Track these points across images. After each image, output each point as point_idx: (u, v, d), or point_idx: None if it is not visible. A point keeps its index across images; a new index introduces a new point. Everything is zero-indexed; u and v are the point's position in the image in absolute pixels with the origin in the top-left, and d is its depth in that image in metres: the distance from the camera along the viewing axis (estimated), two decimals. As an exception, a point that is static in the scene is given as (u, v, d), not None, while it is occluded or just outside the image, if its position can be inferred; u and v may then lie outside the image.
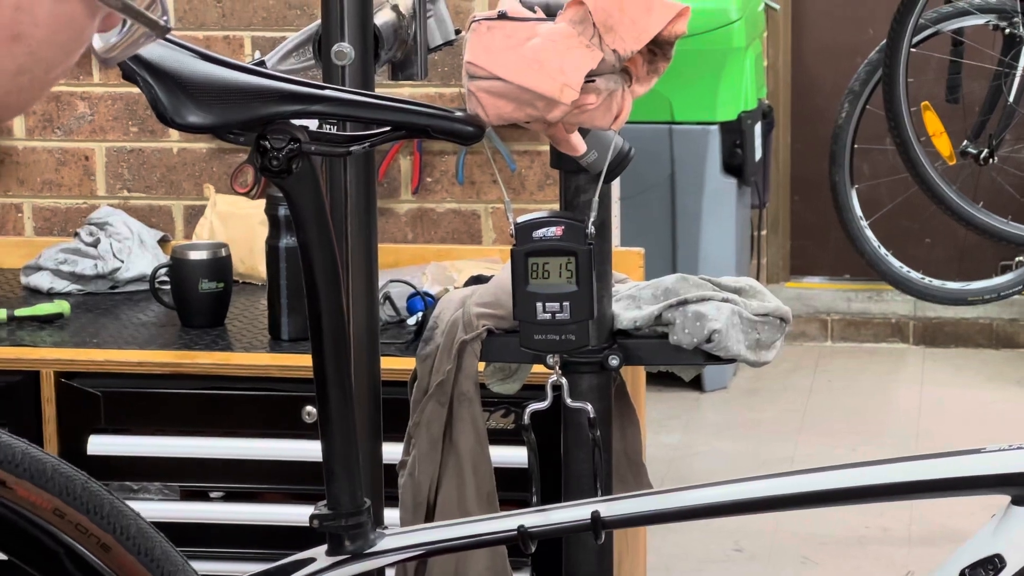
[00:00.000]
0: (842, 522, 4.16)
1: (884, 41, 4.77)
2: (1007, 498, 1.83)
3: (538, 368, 2.32)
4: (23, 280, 3.35)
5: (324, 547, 1.91)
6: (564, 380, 2.16)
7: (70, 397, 2.98)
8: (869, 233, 5.16)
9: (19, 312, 3.17)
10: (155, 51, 1.76)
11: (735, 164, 5.28)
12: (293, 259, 3.06)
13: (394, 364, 2.69)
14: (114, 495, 1.82)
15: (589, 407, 2.15)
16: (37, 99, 1.01)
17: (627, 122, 1.88)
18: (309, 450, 2.87)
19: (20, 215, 3.52)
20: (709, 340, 2.29)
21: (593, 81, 1.83)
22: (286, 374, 2.98)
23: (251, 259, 3.32)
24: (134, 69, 1.75)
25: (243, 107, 1.77)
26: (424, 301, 3.08)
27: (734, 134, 5.27)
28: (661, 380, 4.74)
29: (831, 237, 5.79)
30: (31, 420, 2.93)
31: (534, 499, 2.14)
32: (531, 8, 1.91)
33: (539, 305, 2.11)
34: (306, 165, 1.79)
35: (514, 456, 2.71)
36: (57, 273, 3.32)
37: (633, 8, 1.85)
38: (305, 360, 2.91)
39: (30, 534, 1.78)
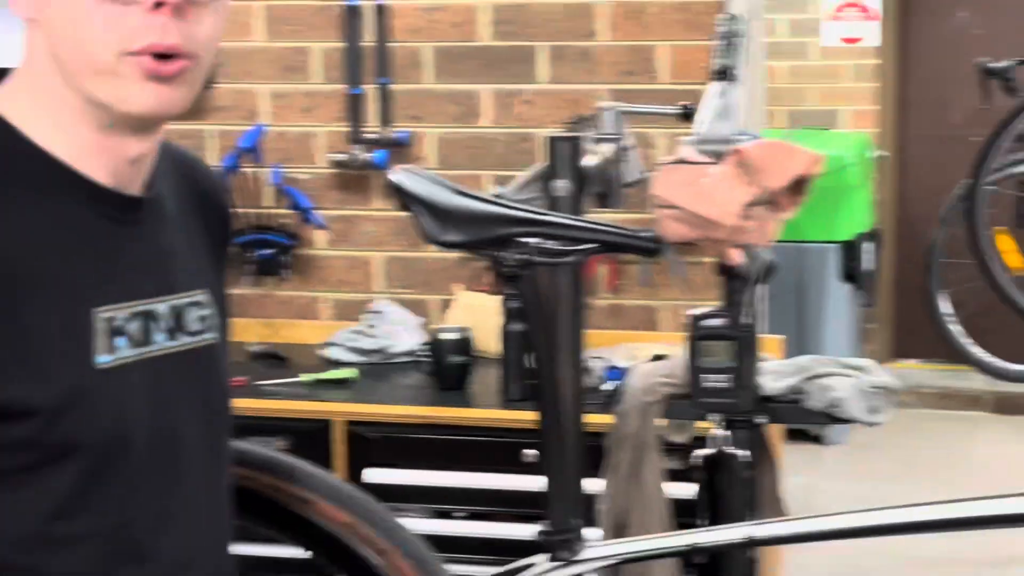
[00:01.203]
0: (937, 546, 4.05)
1: (966, 179, 4.70)
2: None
3: (704, 424, 2.30)
4: (321, 353, 3.37)
5: (545, 555, 1.92)
6: (725, 433, 2.15)
7: (353, 439, 2.99)
8: (954, 327, 5.07)
9: (319, 376, 3.19)
10: (421, 185, 1.77)
11: (851, 274, 5.21)
12: (518, 340, 3.06)
13: (594, 419, 2.67)
14: (391, 514, 1.81)
15: (744, 454, 2.14)
16: None
17: (770, 240, 1.88)
18: (527, 483, 2.87)
19: (320, 305, 3.55)
20: (834, 405, 2.26)
21: (750, 210, 1.84)
22: (511, 425, 2.96)
23: (487, 339, 3.32)
24: (405, 200, 1.77)
25: (486, 228, 1.78)
26: (617, 372, 3.06)
27: (850, 251, 5.21)
28: (790, 436, 4.67)
29: (925, 330, 5.67)
30: (324, 456, 2.93)
31: (702, 523, 2.12)
32: (703, 155, 1.92)
33: (707, 377, 2.11)
34: (533, 271, 1.79)
35: (685, 490, 2.68)
36: (346, 348, 3.34)
37: (780, 155, 1.86)
38: (525, 415, 2.90)
39: (329, 540, 1.77)
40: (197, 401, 1.47)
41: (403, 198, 1.76)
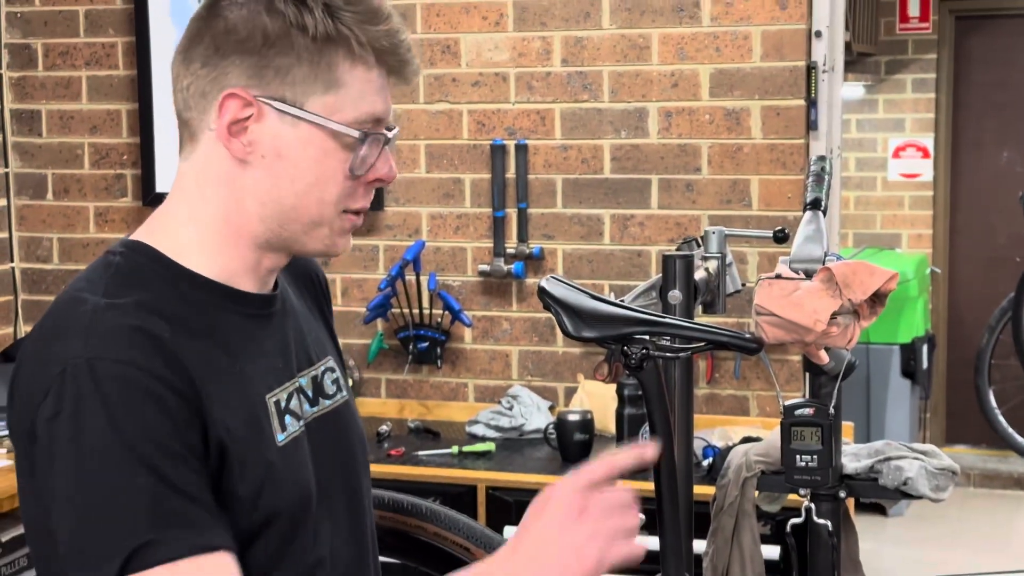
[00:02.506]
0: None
1: (1012, 294, 4.62)
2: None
3: (793, 497, 2.26)
4: (467, 429, 3.38)
5: (659, 605, 1.88)
6: (812, 505, 2.11)
7: (493, 501, 2.99)
8: (1001, 418, 4.97)
9: (465, 448, 3.20)
10: (560, 290, 1.77)
11: (909, 371, 5.13)
12: (631, 422, 3.07)
13: (698, 489, 2.64)
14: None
15: (828, 523, 2.09)
16: None
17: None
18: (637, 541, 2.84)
19: (466, 389, 3.56)
20: (904, 484, 2.21)
21: (835, 318, 1.83)
22: (626, 493, 2.95)
23: (604, 421, 3.32)
24: (549, 303, 1.78)
25: (616, 327, 1.73)
26: (713, 450, 3.05)
27: (909, 352, 5.13)
28: (859, 506, 4.57)
29: (974, 419, 5.54)
30: (470, 515, 2.90)
31: (792, 581, 2.08)
32: (796, 272, 1.92)
33: (798, 457, 2.07)
34: (653, 364, 1.75)
35: (776, 552, 2.64)
36: (487, 425, 3.36)
37: (862, 272, 1.85)
38: (636, 484, 2.88)
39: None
40: (341, 452, 1.47)
41: (548, 300, 1.73)
